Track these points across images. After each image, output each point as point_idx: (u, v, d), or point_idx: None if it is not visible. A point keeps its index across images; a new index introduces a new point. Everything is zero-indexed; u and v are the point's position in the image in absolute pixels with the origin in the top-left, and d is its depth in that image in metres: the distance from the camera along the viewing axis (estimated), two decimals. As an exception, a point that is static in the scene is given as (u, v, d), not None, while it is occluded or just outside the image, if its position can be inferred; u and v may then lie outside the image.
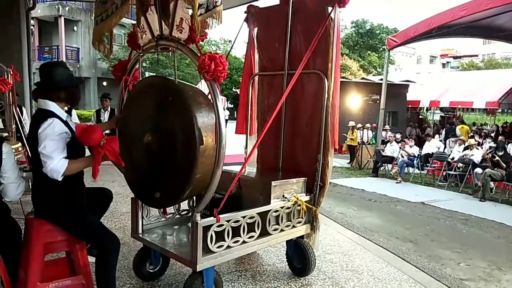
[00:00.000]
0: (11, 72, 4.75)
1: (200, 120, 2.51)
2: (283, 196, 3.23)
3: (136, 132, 2.83)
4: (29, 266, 2.48)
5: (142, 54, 2.92)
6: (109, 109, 7.99)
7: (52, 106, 2.49)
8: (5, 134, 4.89)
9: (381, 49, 34.78)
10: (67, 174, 2.40)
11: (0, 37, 6.85)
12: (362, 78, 21.53)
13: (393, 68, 36.14)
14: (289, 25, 3.60)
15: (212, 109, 2.51)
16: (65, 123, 2.50)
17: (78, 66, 24.79)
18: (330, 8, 3.26)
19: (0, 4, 6.87)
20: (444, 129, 16.66)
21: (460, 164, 9.95)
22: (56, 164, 2.36)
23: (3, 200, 2.63)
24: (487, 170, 8.74)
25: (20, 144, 4.81)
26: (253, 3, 3.96)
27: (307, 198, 3.40)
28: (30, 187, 2.61)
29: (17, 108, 5.15)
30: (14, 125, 4.94)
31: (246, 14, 3.94)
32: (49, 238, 2.56)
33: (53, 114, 2.45)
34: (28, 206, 2.60)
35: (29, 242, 2.54)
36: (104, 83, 26.64)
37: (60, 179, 2.39)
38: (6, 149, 2.55)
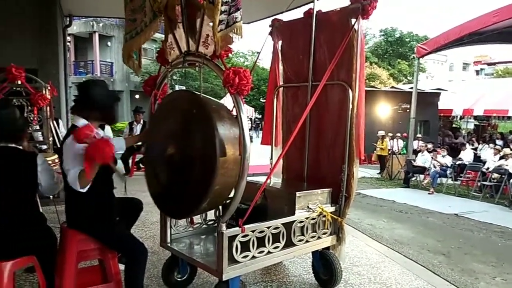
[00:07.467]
0: (49, 88, 4.99)
1: (221, 132, 2.52)
2: (308, 207, 3.23)
3: (161, 145, 2.92)
4: (64, 273, 2.60)
5: (170, 70, 3.03)
6: (141, 122, 8.28)
7: (82, 122, 2.56)
8: (44, 147, 5.15)
9: (412, 57, 34.09)
10: (85, 183, 2.41)
11: (39, 55, 7.25)
12: (392, 87, 21.23)
13: (424, 76, 35.37)
14: (313, 37, 3.63)
15: (235, 123, 2.56)
16: None
17: (111, 80, 25.60)
18: (353, 20, 3.28)
19: (40, 24, 7.29)
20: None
21: (495, 175, 9.60)
22: (72, 176, 2.43)
23: (40, 210, 2.77)
24: (524, 180, 8.41)
25: (56, 155, 5.02)
26: (277, 17, 4.03)
27: (333, 209, 3.40)
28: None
29: (54, 121, 5.41)
30: (51, 138, 5.17)
31: (270, 28, 4.02)
32: (82, 246, 2.68)
33: None
34: (63, 215, 2.73)
35: (63, 250, 2.66)
36: (137, 96, 27.37)
37: (81, 190, 2.43)
38: (40, 161, 2.65)
